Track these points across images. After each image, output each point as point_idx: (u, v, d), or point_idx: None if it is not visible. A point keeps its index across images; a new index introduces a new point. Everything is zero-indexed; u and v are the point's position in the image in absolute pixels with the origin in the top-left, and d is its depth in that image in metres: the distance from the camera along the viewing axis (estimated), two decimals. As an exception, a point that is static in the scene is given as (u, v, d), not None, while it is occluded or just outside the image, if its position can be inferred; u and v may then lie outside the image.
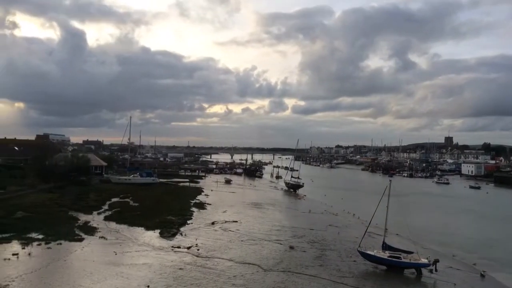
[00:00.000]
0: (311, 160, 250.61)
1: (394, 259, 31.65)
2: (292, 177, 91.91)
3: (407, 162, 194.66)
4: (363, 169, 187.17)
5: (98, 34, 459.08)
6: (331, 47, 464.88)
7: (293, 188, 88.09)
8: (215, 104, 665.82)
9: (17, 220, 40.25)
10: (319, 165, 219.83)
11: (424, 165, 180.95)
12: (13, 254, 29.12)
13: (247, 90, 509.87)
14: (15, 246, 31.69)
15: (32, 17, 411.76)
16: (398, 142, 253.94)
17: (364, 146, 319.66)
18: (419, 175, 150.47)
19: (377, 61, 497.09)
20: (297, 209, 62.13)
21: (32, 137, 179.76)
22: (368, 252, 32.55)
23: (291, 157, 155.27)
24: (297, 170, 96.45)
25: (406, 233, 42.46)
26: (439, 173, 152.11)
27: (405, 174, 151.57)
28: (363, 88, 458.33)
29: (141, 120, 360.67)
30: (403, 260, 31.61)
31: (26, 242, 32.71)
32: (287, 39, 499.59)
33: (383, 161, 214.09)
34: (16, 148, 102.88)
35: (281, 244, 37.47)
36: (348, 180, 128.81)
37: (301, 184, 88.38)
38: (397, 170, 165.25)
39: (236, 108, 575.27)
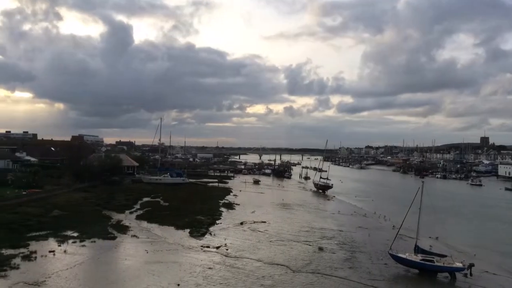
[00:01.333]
0: (340, 161, 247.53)
1: (427, 263, 30.83)
2: (320, 178, 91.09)
3: (440, 163, 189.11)
4: (394, 170, 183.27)
5: (141, 31, 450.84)
6: (397, 38, 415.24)
7: (322, 189, 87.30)
8: (255, 104, 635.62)
9: (53, 218, 41.89)
10: (348, 166, 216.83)
11: (458, 166, 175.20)
12: (50, 251, 30.25)
13: (293, 88, 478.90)
14: (51, 243, 32.92)
15: (78, 12, 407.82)
16: (431, 142, 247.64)
17: (395, 147, 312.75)
18: (453, 176, 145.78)
19: (453, 52, 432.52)
20: (326, 210, 61.53)
21: (68, 138, 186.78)
22: (400, 255, 31.85)
23: (319, 157, 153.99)
24: (326, 171, 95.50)
25: (439, 236, 41.37)
26: (474, 174, 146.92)
27: (438, 176, 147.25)
28: (430, 83, 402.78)
29: (175, 121, 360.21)
30: (436, 263, 30.74)
31: (62, 239, 33.93)
32: (343, 31, 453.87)
33: (415, 162, 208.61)
34: (53, 148, 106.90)
35: (310, 245, 37.22)
36: (378, 181, 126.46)
37: (330, 185, 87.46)
38: (430, 171, 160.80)
39: (277, 107, 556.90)
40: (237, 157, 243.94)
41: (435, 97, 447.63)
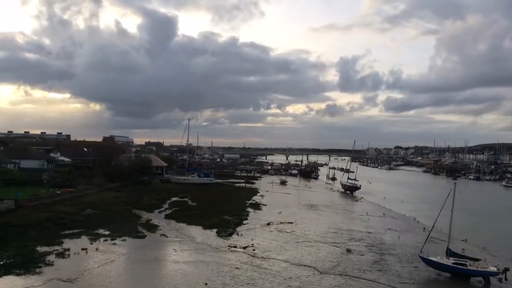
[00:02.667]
0: (368, 162, 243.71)
1: (459, 266, 29.95)
2: (348, 178, 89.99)
3: (473, 164, 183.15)
4: (424, 171, 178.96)
5: (183, 26, 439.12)
6: (476, 25, 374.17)
7: (349, 190, 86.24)
8: (294, 103, 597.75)
9: (86, 217, 43.16)
10: (377, 167, 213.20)
11: (492, 167, 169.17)
12: (82, 249, 31.16)
13: (338, 85, 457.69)
14: (84, 241, 33.91)
15: (119, 6, 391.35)
16: (463, 143, 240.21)
17: (426, 147, 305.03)
18: (487, 178, 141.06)
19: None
20: (354, 212, 60.73)
21: (100, 139, 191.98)
22: (431, 258, 31.08)
23: (347, 158, 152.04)
24: (354, 172, 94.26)
25: (472, 239, 40.10)
26: (509, 175, 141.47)
27: (471, 177, 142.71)
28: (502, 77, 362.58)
29: (207, 121, 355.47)
30: (469, 267, 29.81)
31: (94, 237, 34.91)
32: (406, 20, 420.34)
33: (447, 162, 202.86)
34: (85, 149, 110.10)
35: (337, 247, 36.84)
36: (408, 182, 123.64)
37: (358, 186, 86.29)
38: (463, 172, 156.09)
39: (318, 106, 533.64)
40: (264, 157, 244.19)
41: (502, 92, 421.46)
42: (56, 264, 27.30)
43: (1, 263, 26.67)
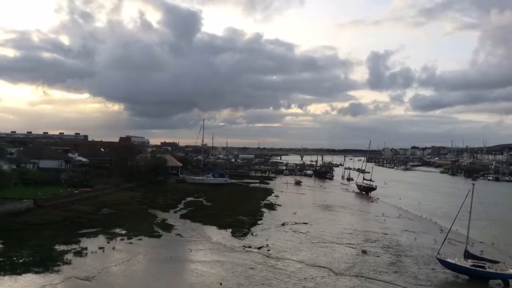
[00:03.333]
0: (384, 162, 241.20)
1: (477, 269, 29.38)
2: (364, 179, 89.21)
3: (492, 164, 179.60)
4: (442, 172, 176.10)
5: (206, 22, 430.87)
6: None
7: (365, 191, 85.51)
8: (315, 103, 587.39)
9: (103, 216, 43.81)
10: (393, 167, 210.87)
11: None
12: (99, 248, 31.62)
13: (362, 83, 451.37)
14: (101, 240, 34.39)
15: (140, 2, 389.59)
16: (482, 143, 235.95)
17: (443, 148, 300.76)
18: (506, 178, 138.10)
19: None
20: (370, 213, 60.15)
21: (116, 139, 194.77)
22: (449, 260, 30.56)
23: (362, 158, 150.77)
24: (369, 172, 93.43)
25: (491, 241, 39.31)
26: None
27: (490, 178, 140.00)
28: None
29: (223, 122, 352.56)
30: (488, 270, 29.22)
31: (110, 237, 35.37)
32: (442, 13, 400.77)
33: (465, 163, 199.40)
34: (102, 149, 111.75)
35: (353, 248, 36.54)
36: (425, 183, 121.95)
37: (374, 186, 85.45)
38: (481, 173, 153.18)
39: (339, 105, 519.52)
40: (279, 157, 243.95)
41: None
42: (74, 263, 27.74)
43: (21, 261, 27.23)
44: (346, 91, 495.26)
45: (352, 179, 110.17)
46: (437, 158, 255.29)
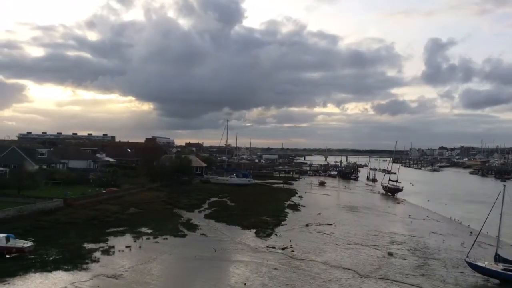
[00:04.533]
0: (411, 163, 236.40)
1: (509, 272, 28.42)
2: (390, 180, 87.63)
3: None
4: (471, 173, 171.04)
5: (245, 14, 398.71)
6: None
7: (391, 192, 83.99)
8: (352, 101, 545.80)
9: (129, 216, 44.70)
10: (420, 168, 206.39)
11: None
12: (126, 246, 32.27)
13: (412, 78, 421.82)
14: (128, 239, 35.12)
15: None
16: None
17: (473, 148, 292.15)
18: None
19: None
20: (396, 214, 59.09)
21: (142, 139, 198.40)
22: (478, 263, 29.68)
23: (388, 159, 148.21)
24: (395, 173, 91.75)
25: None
26: None
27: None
28: None
29: (251, 122, 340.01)
30: None
31: (137, 235, 36.07)
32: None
33: (496, 164, 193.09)
34: (129, 150, 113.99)
35: (378, 250, 35.98)
36: (453, 184, 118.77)
37: (400, 187, 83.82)
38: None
39: (378, 103, 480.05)
40: (302, 158, 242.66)
41: None
42: (102, 261, 28.42)
43: (51, 259, 28.10)
44: (389, 88, 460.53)
45: (377, 180, 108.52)
46: (466, 159, 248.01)
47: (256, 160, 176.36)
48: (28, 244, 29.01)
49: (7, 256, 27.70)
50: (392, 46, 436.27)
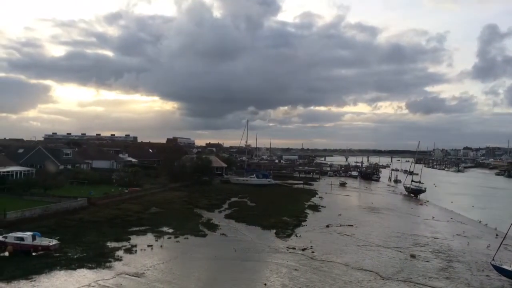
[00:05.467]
0: (434, 163, 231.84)
1: None
2: (412, 181, 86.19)
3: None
4: (497, 174, 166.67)
5: (278, 7, 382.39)
6: None
7: (413, 193, 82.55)
8: (387, 100, 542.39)
9: (151, 215, 45.30)
10: (443, 169, 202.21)
11: None
12: (148, 245, 32.70)
13: (457, 73, 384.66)
14: (149, 238, 35.58)
15: None
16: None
17: (499, 148, 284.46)
18: None
19: None
20: (418, 216, 58.03)
21: (164, 140, 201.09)
22: (505, 266, 28.87)
23: (410, 160, 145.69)
24: (418, 174, 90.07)
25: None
26: None
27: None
28: None
29: (273, 122, 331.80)
30: None
31: (158, 235, 36.51)
32: None
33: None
34: (150, 150, 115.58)
35: (401, 252, 35.39)
36: (478, 185, 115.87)
37: (423, 189, 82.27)
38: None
39: (411, 101, 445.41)
40: (323, 158, 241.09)
41: None
42: (125, 259, 28.88)
43: (75, 256, 28.72)
44: (426, 85, 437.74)
45: (399, 181, 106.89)
46: (492, 160, 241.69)
47: (276, 161, 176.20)
48: (53, 242, 29.75)
49: (33, 253, 28.49)
50: (435, 38, 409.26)
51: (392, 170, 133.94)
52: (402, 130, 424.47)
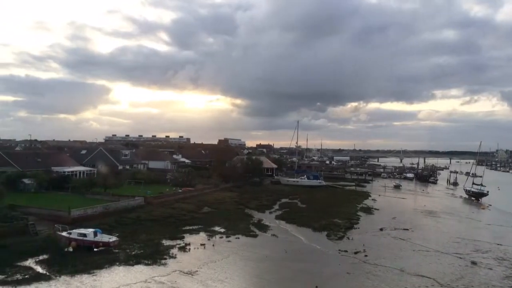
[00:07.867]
0: (498, 165, 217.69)
1: None
2: (473, 184, 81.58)
3: None
4: None
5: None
6: None
7: (474, 197, 78.05)
8: (479, 93, 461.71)
9: (204, 214, 46.42)
10: (508, 171, 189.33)
11: None
12: (201, 244, 33.51)
13: None
14: (202, 237, 36.45)
15: None
16: None
17: None
18: None
19: None
20: (480, 220, 54.77)
21: (215, 141, 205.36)
22: None
23: (471, 161, 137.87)
24: (480, 176, 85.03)
25: None
26: None
27: None
28: None
29: (332, 122, 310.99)
30: None
31: (211, 234, 37.30)
32: None
33: None
34: (203, 151, 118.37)
35: (460, 258, 33.62)
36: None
37: (485, 192, 77.56)
38: None
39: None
40: (375, 160, 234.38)
41: None
42: (179, 257, 29.81)
43: (133, 253, 30.04)
44: None
45: (459, 184, 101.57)
46: None
47: (327, 162, 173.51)
48: (113, 239, 31.37)
49: (94, 249, 30.18)
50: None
51: (451, 172, 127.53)
52: (472, 130, 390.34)
